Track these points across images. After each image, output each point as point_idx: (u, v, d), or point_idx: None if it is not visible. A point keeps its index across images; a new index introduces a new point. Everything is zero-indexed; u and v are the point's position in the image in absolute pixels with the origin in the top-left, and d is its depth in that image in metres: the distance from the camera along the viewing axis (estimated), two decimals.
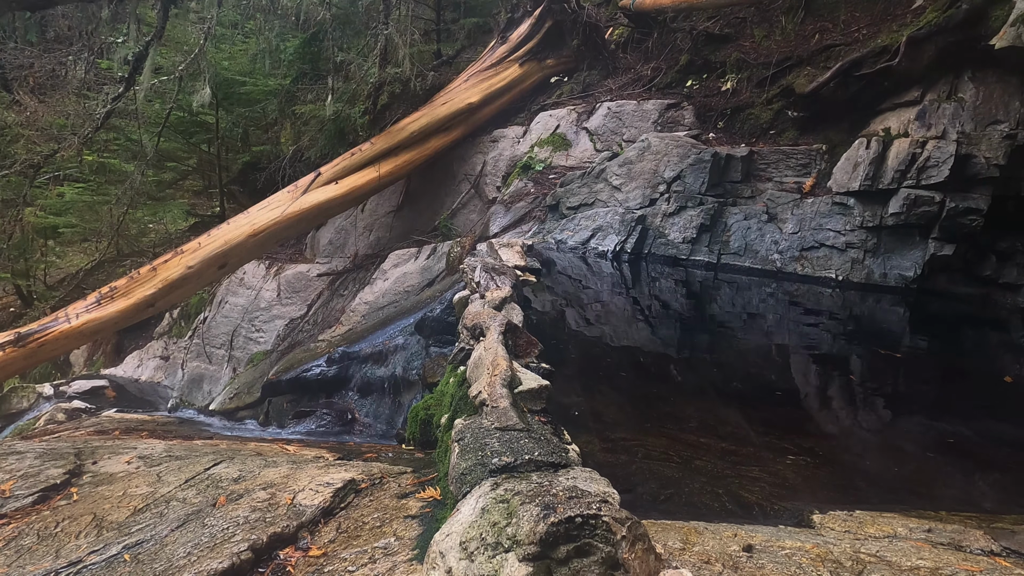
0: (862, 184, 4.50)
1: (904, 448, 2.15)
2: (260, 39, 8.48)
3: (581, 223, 5.14)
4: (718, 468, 1.79)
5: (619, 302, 4.17)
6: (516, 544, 1.10)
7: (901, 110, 4.71)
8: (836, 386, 2.73)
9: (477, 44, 8.44)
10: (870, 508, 1.62)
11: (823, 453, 2.01)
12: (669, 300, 4.32)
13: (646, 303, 4.21)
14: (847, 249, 4.52)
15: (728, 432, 2.11)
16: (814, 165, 4.96)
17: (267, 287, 7.27)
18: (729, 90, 5.80)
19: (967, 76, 4.52)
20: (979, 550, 1.42)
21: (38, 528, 1.96)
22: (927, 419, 2.39)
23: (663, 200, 5.05)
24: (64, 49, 7.58)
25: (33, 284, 9.81)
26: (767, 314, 4.06)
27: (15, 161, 6.62)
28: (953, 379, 2.98)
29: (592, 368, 2.46)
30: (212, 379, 7.02)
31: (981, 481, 1.91)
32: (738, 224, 4.84)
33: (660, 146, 5.31)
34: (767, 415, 2.30)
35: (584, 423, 1.88)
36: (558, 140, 6.27)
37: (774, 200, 4.90)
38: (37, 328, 4.75)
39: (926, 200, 4.29)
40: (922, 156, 4.35)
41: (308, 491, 1.96)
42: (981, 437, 2.30)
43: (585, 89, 6.80)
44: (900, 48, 4.61)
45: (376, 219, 7.31)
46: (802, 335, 3.70)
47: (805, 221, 4.70)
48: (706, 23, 6.50)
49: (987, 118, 4.39)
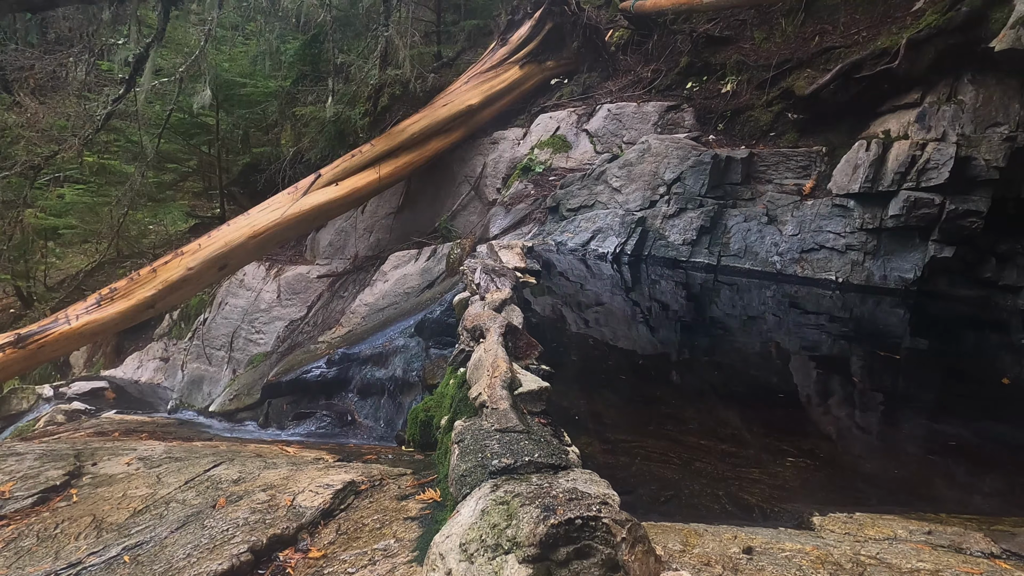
0: (862, 186, 4.50)
1: (904, 450, 2.15)
2: (261, 41, 8.50)
3: (581, 225, 5.14)
4: (718, 470, 1.79)
5: (619, 304, 4.17)
6: (516, 546, 1.10)
7: (901, 112, 4.72)
8: (836, 388, 2.73)
9: (477, 46, 8.45)
10: (870, 510, 1.62)
11: (823, 455, 2.01)
12: (669, 302, 4.32)
13: (646, 305, 4.21)
14: (847, 251, 4.52)
15: (728, 434, 2.11)
16: (814, 167, 4.96)
17: (267, 288, 7.27)
18: (729, 92, 5.80)
19: (967, 78, 4.53)
20: (979, 552, 1.41)
21: (38, 529, 1.96)
22: (927, 421, 2.39)
23: (663, 202, 5.05)
24: (65, 51, 7.59)
25: (33, 285, 9.81)
26: (767, 316, 4.06)
27: (16, 162, 6.63)
28: (953, 381, 2.98)
29: (592, 370, 2.46)
30: (212, 380, 7.01)
31: (981, 483, 1.91)
32: (738, 226, 4.84)
33: (660, 148, 5.31)
34: (767, 417, 2.30)
35: (584, 425, 1.88)
36: (558, 142, 6.27)
37: (774, 202, 4.90)
38: (37, 329, 4.75)
39: (926, 202, 4.29)
40: (922, 158, 4.35)
41: (308, 493, 1.96)
42: (981, 439, 2.29)
43: (585, 91, 6.81)
44: (900, 50, 4.61)
45: (376, 221, 7.31)
46: (802, 337, 3.70)
47: (805, 223, 4.70)
48: (706, 25, 6.51)
49: (987, 120, 4.40)
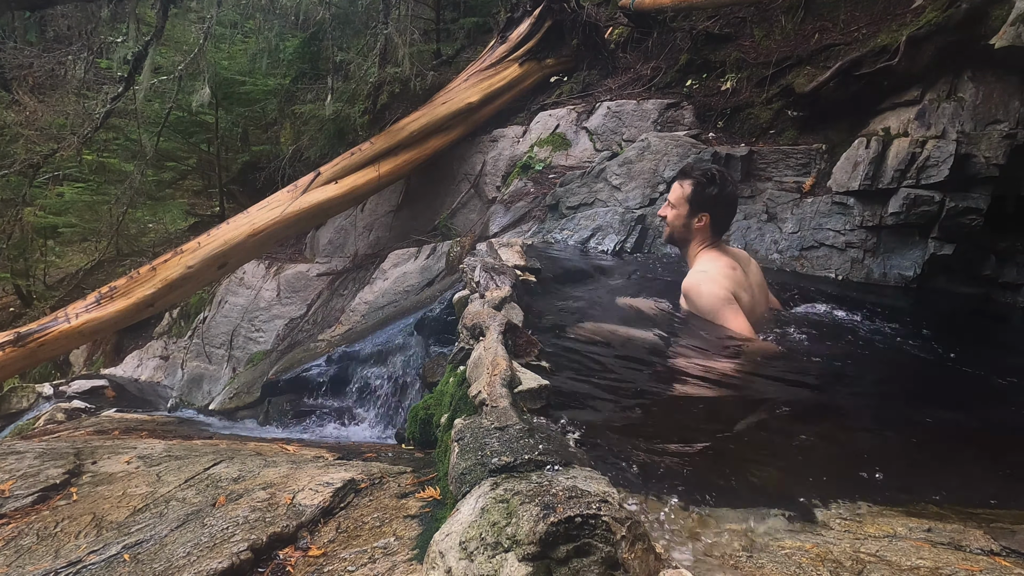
0: (862, 184, 4.50)
1: (903, 446, 2.15)
2: (259, 39, 8.49)
3: (581, 223, 5.13)
4: (715, 464, 1.80)
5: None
6: (516, 544, 1.10)
7: (901, 110, 4.71)
8: (834, 385, 2.73)
9: (477, 44, 8.44)
10: (870, 507, 1.62)
11: (823, 452, 2.01)
12: (670, 300, 4.31)
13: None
14: (847, 249, 4.52)
15: (727, 429, 2.11)
16: (814, 165, 4.95)
17: (267, 287, 7.27)
18: (729, 90, 5.79)
19: (967, 76, 4.52)
20: (979, 550, 1.42)
21: (38, 528, 1.96)
22: (927, 418, 2.39)
23: (663, 200, 5.04)
24: (63, 49, 7.57)
25: (32, 284, 9.82)
26: None
27: (14, 161, 6.63)
28: (953, 378, 2.98)
29: (592, 368, 2.46)
30: (212, 379, 7.02)
31: (981, 480, 1.91)
32: (738, 224, 4.84)
33: (660, 146, 5.30)
34: (765, 412, 2.30)
35: (583, 421, 1.88)
36: (558, 140, 6.27)
37: (774, 200, 4.89)
38: (37, 328, 4.76)
39: (926, 200, 4.29)
40: (922, 156, 4.34)
41: (308, 491, 1.96)
42: (981, 436, 2.30)
43: (585, 89, 6.80)
44: (900, 48, 4.61)
45: (376, 219, 7.31)
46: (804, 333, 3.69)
47: (805, 221, 4.70)
48: (706, 23, 6.50)
49: (987, 118, 4.39)
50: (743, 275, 3.02)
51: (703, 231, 3.04)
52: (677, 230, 3.10)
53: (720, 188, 2.99)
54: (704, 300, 2.84)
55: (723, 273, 2.91)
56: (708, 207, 3.00)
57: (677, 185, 3.09)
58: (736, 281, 2.92)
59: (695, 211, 3.02)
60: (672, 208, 3.09)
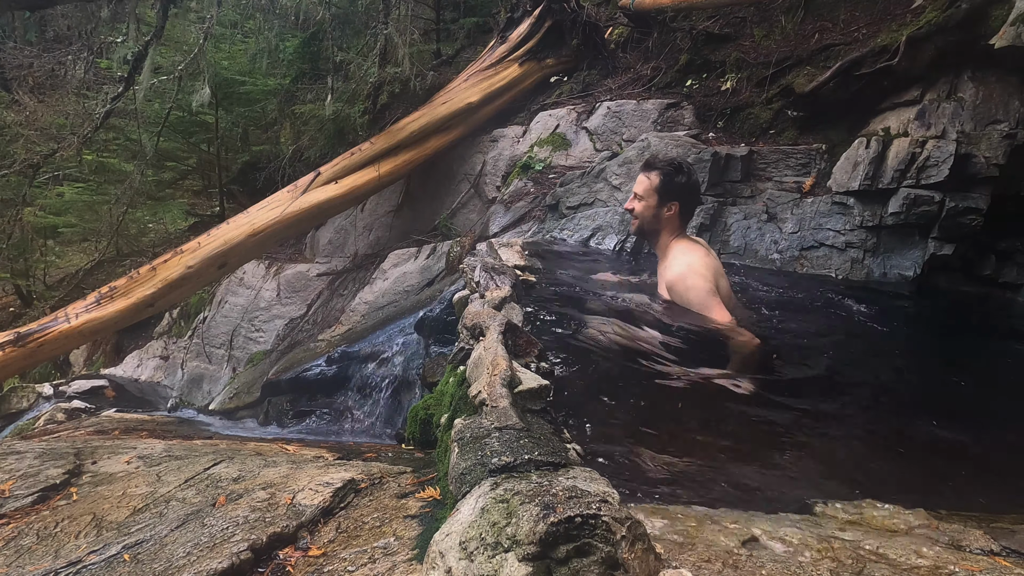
0: (862, 184, 4.50)
1: (903, 445, 2.15)
2: (259, 39, 8.48)
3: (581, 223, 5.13)
4: (716, 464, 1.80)
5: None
6: (516, 544, 1.10)
7: (901, 110, 4.71)
8: (834, 384, 2.73)
9: (477, 44, 8.44)
10: (870, 506, 1.62)
11: (823, 450, 2.01)
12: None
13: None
14: (847, 249, 4.52)
15: (727, 429, 2.11)
16: (814, 165, 4.95)
17: (267, 287, 7.27)
18: (729, 90, 5.79)
19: (967, 76, 4.52)
20: (979, 549, 1.42)
21: (38, 528, 1.96)
22: (927, 417, 2.39)
23: None
24: (63, 49, 7.58)
25: (32, 284, 9.82)
26: (764, 310, 4.06)
27: (14, 161, 6.63)
28: (953, 378, 2.98)
29: (591, 367, 2.46)
30: (212, 379, 7.02)
31: (981, 480, 1.91)
32: (738, 224, 4.84)
33: (660, 146, 5.30)
34: (767, 412, 2.30)
35: (583, 421, 1.88)
36: (558, 140, 6.26)
37: (774, 200, 4.89)
38: (37, 328, 4.76)
39: (926, 199, 4.29)
40: (922, 156, 4.34)
41: (308, 491, 1.96)
42: (981, 436, 2.30)
43: (585, 89, 6.80)
44: (900, 48, 4.60)
45: (376, 219, 7.31)
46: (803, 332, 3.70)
47: (805, 221, 4.70)
48: (706, 23, 6.50)
49: (987, 117, 4.39)
50: (718, 261, 3.11)
51: (672, 220, 3.10)
52: (647, 221, 3.14)
53: (688, 176, 3.07)
54: (692, 294, 2.88)
55: (704, 263, 2.97)
56: (676, 196, 3.05)
57: (643, 177, 3.13)
58: (715, 269, 3.01)
59: (664, 200, 3.06)
60: (640, 200, 3.12)
